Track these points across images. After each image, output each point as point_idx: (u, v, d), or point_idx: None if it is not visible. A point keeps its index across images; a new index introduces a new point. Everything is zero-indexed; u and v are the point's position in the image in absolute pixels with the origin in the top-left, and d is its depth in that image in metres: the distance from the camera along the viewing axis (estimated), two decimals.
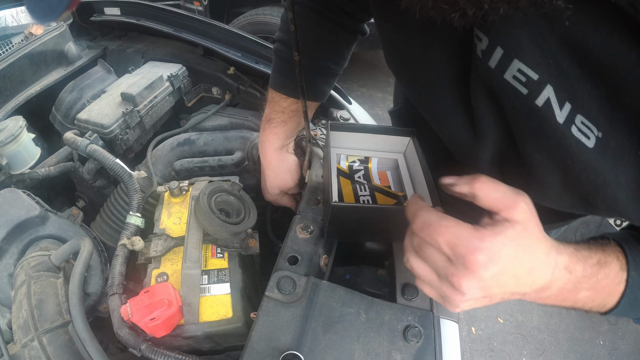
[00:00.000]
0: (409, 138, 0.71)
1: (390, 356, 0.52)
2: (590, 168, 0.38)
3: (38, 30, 1.10)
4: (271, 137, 0.78)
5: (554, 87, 0.36)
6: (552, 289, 0.41)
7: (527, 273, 0.38)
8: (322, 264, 0.63)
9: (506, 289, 0.39)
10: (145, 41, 1.23)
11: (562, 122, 0.37)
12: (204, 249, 0.68)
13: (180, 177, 0.90)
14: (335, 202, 0.56)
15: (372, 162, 0.74)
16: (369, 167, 0.74)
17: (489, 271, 0.36)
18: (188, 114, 1.08)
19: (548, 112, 0.37)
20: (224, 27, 1.11)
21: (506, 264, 0.37)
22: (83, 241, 0.65)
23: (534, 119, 0.38)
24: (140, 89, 0.93)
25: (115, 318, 0.58)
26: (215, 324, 0.59)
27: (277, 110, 0.76)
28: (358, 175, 0.72)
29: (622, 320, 2.31)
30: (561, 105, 0.36)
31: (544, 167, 0.43)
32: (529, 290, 0.40)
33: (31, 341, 0.53)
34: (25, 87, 0.99)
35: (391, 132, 0.71)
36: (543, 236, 0.39)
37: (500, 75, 0.39)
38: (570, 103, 0.36)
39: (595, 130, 0.35)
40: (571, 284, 0.41)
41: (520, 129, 0.42)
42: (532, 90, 0.37)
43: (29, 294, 0.57)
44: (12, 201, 0.68)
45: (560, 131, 0.37)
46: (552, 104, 0.36)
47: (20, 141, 0.81)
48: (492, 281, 0.37)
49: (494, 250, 0.36)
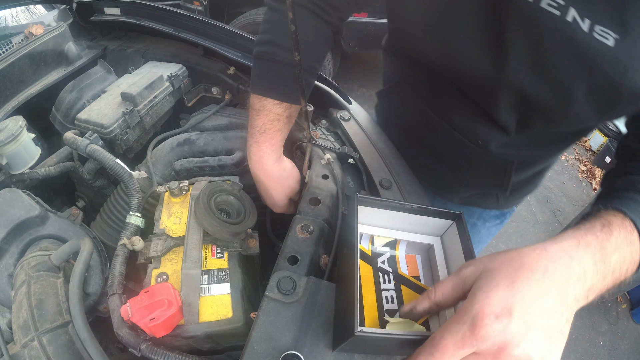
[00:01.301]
0: (452, 221, 0.58)
1: (390, 357, 0.52)
2: (612, 61, 0.48)
3: (38, 30, 1.10)
4: (268, 149, 0.74)
5: (576, 8, 0.47)
6: (589, 276, 0.39)
7: (552, 296, 0.37)
8: (322, 264, 0.63)
9: (552, 329, 0.37)
10: (145, 41, 1.23)
11: (587, 31, 0.48)
12: (204, 249, 0.68)
13: (180, 177, 0.90)
14: (361, 331, 0.43)
15: (400, 247, 0.62)
16: (395, 251, 0.62)
17: (519, 338, 0.35)
18: (188, 114, 1.08)
19: (575, 25, 0.48)
20: (224, 27, 1.11)
21: (523, 317, 0.35)
22: (83, 241, 0.65)
23: (567, 31, 0.49)
24: (140, 89, 0.93)
25: (115, 318, 0.58)
26: (215, 324, 0.59)
27: (271, 119, 0.72)
28: (382, 259, 0.60)
29: (622, 320, 2.32)
30: (582, 20, 0.48)
31: (571, 76, 0.53)
32: (574, 302, 0.39)
33: (31, 341, 0.53)
34: (25, 87, 0.99)
35: (432, 213, 0.58)
36: (526, 254, 0.39)
37: (537, 5, 0.49)
38: (588, 18, 0.47)
39: (613, 34, 0.47)
40: (597, 254, 0.40)
41: (553, 42, 0.51)
42: (562, 12, 0.48)
43: (29, 294, 0.57)
44: (12, 201, 0.68)
45: (587, 38, 0.48)
46: (577, 20, 0.48)
47: (20, 141, 0.81)
48: (532, 338, 0.35)
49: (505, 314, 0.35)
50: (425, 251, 0.63)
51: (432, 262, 0.61)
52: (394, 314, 0.54)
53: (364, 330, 0.43)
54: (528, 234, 2.70)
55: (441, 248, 0.60)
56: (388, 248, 0.61)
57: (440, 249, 0.61)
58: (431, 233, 0.62)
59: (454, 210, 0.57)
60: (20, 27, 1.22)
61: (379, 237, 0.61)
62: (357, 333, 0.43)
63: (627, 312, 2.37)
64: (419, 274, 0.60)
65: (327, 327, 0.53)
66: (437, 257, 0.59)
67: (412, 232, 0.62)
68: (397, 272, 0.59)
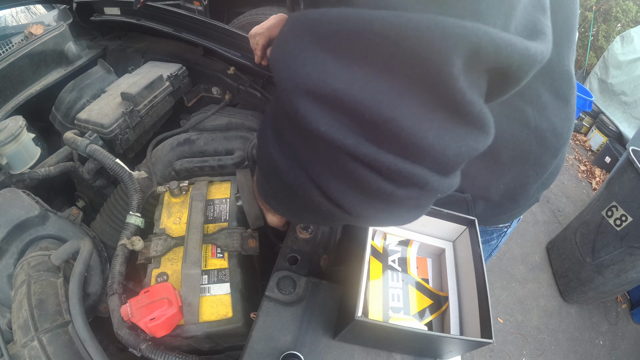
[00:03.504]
0: (465, 227, 0.59)
1: (390, 356, 0.52)
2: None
3: (38, 30, 1.10)
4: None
5: None
6: None
7: None
8: (322, 264, 0.63)
9: None
10: (145, 41, 1.23)
11: None
12: (204, 249, 0.68)
13: (180, 177, 0.90)
14: (360, 317, 0.44)
15: (413, 247, 0.62)
16: (407, 251, 0.61)
17: None
18: (188, 114, 1.08)
19: None
20: (224, 27, 1.11)
21: None
22: (83, 241, 0.65)
23: None
24: (140, 89, 0.93)
25: (115, 318, 0.58)
26: (215, 324, 0.59)
27: None
28: (393, 258, 0.60)
29: (622, 320, 2.31)
30: None
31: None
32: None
33: (31, 341, 0.53)
34: (25, 87, 0.99)
35: (445, 217, 0.59)
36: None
37: None
38: None
39: None
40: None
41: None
42: None
43: (29, 294, 0.57)
44: (12, 201, 0.68)
45: None
46: None
47: (20, 141, 0.81)
48: None
49: None
50: (436, 255, 0.63)
51: (442, 267, 0.61)
52: (399, 311, 0.54)
53: (362, 318, 0.44)
54: (528, 233, 2.70)
55: (452, 253, 0.61)
56: (400, 247, 0.61)
57: (451, 253, 0.61)
58: (444, 237, 0.62)
59: (467, 216, 0.58)
60: (20, 27, 1.22)
61: (392, 235, 0.62)
62: (357, 318, 0.43)
63: (627, 312, 2.37)
64: (428, 277, 0.60)
65: (327, 327, 0.53)
66: (448, 262, 0.60)
67: (425, 235, 0.62)
68: (406, 272, 0.59)
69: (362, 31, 0.25)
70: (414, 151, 0.28)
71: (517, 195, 0.76)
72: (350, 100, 0.26)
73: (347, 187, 0.33)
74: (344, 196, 0.33)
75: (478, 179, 0.70)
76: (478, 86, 0.28)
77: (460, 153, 0.29)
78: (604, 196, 2.02)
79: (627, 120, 3.49)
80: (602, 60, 3.87)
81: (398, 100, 0.26)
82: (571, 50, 0.58)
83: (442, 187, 0.32)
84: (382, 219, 0.36)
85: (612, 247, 1.93)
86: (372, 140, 0.28)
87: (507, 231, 0.92)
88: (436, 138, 0.27)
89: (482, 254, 0.53)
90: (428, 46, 0.24)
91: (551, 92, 0.59)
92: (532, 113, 0.60)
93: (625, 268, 1.91)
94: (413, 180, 0.29)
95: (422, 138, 0.27)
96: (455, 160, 0.30)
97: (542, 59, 0.28)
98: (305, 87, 0.27)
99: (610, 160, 3.40)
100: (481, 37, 0.24)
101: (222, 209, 0.76)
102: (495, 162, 0.66)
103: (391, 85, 0.26)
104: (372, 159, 0.28)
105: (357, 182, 0.31)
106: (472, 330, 0.50)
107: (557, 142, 0.66)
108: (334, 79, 0.26)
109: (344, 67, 0.26)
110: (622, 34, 3.70)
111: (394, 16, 0.24)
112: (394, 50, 0.25)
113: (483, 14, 0.26)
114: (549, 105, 0.60)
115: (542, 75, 0.57)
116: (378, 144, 0.28)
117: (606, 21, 4.33)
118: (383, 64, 0.25)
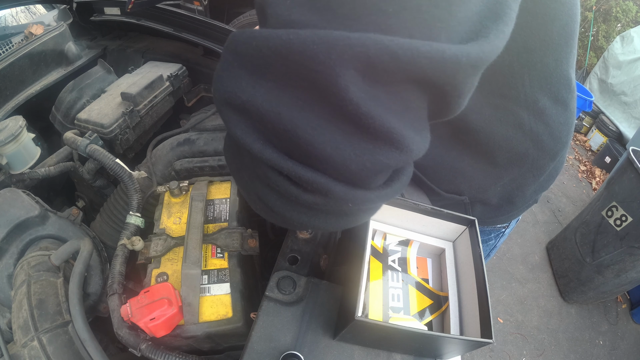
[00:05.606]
0: (465, 227, 0.59)
1: (390, 356, 0.52)
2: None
3: (38, 30, 1.10)
4: None
5: None
6: None
7: None
8: (322, 264, 0.63)
9: None
10: (145, 41, 1.23)
11: None
12: (204, 249, 0.68)
13: (180, 177, 0.90)
14: (360, 317, 0.44)
15: (413, 247, 0.62)
16: (407, 251, 0.61)
17: None
18: (188, 114, 1.08)
19: None
20: (224, 27, 1.11)
21: None
22: (83, 241, 0.65)
23: None
24: (140, 89, 0.93)
25: (115, 318, 0.58)
26: (215, 324, 0.59)
27: None
28: (393, 258, 0.60)
29: (622, 320, 2.32)
30: None
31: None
32: None
33: (31, 341, 0.53)
34: (25, 87, 0.99)
35: (445, 216, 0.59)
36: None
37: None
38: None
39: None
40: None
41: None
42: None
43: (29, 294, 0.57)
44: (12, 201, 0.68)
45: None
46: None
47: (20, 141, 0.81)
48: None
49: None
50: (436, 255, 0.63)
51: (442, 267, 0.61)
52: (399, 311, 0.54)
53: (362, 318, 0.43)
54: (528, 233, 2.70)
55: (452, 253, 0.61)
56: (400, 247, 0.61)
57: (451, 254, 0.61)
58: (444, 237, 0.62)
59: (467, 216, 0.58)
60: (20, 27, 1.22)
61: (392, 235, 0.62)
62: (357, 318, 0.43)
63: (627, 312, 2.37)
64: (428, 277, 0.60)
65: (327, 327, 0.53)
66: (448, 262, 0.60)
67: (425, 235, 0.62)
68: (406, 272, 0.59)
69: (261, 48, 0.27)
70: (315, 160, 0.29)
71: (515, 197, 0.76)
72: (255, 111, 0.29)
73: (269, 190, 0.34)
74: (268, 198, 0.35)
75: (475, 181, 0.70)
76: (388, 100, 0.27)
77: (364, 167, 0.29)
78: (604, 196, 2.02)
79: (627, 120, 3.49)
80: (602, 60, 3.87)
81: (296, 112, 0.28)
82: (571, 55, 0.58)
83: (354, 198, 0.32)
84: (309, 223, 0.36)
85: (612, 247, 1.93)
86: (277, 146, 0.30)
87: (506, 231, 0.92)
88: (335, 150, 0.28)
89: (482, 254, 0.53)
90: (314, 59, 0.25)
91: (549, 97, 0.59)
92: (526, 117, 0.60)
93: (625, 268, 1.91)
94: (315, 186, 0.30)
95: (320, 149, 0.28)
96: (361, 174, 0.30)
97: (473, 61, 0.26)
98: (224, 98, 0.30)
99: (610, 160, 3.41)
100: (369, 46, 0.24)
101: (222, 209, 0.76)
102: (491, 164, 0.66)
103: (292, 98, 0.28)
104: (275, 163, 0.30)
105: (269, 184, 0.33)
106: (472, 330, 0.50)
107: (555, 146, 0.66)
108: (242, 92, 0.29)
109: (252, 81, 0.28)
110: (622, 34, 3.70)
111: (286, 34, 0.25)
112: (289, 65, 0.26)
113: (393, 26, 0.25)
114: (547, 109, 0.60)
115: (539, 80, 0.57)
116: (282, 150, 0.30)
117: (606, 21, 4.33)
118: (283, 79, 0.27)
